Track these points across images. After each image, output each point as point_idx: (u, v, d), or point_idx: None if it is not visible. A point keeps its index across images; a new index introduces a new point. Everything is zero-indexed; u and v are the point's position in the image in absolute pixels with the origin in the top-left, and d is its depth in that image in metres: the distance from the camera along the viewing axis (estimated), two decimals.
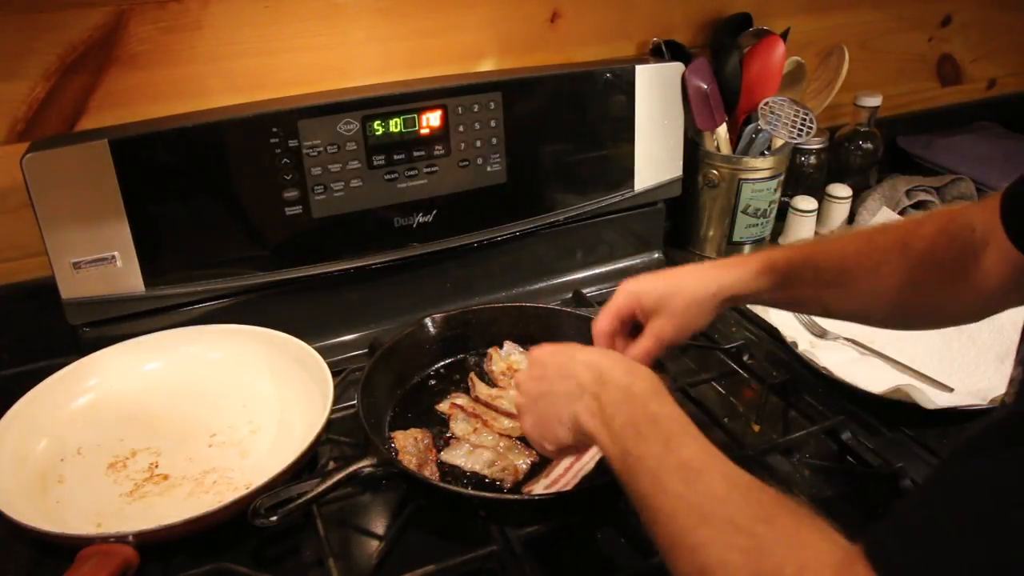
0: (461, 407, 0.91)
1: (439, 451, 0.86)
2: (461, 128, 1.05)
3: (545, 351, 0.72)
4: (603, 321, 0.79)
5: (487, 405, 0.92)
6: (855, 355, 1.03)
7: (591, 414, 0.63)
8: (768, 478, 0.81)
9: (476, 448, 0.85)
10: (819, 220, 1.34)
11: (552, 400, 0.68)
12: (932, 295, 0.73)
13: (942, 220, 0.73)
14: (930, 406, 0.89)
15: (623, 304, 0.79)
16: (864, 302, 0.76)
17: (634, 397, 0.61)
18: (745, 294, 0.78)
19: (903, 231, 0.75)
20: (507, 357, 1.00)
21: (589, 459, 0.85)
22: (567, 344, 0.72)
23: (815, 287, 0.77)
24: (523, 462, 0.83)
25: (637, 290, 0.78)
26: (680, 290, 0.77)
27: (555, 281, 1.22)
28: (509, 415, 0.91)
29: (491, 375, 0.98)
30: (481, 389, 0.95)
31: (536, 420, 0.70)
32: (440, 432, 0.89)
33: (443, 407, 0.92)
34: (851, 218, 1.37)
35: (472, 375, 0.97)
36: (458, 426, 0.89)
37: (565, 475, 0.82)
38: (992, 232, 0.67)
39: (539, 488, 0.80)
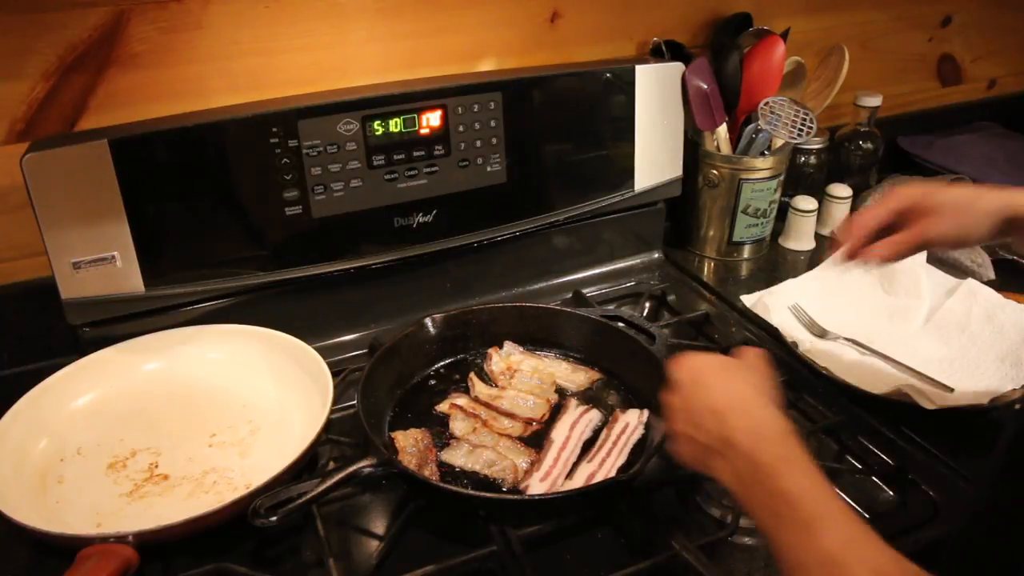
0: (461, 407, 0.91)
1: (439, 451, 0.86)
2: (461, 128, 1.05)
3: (684, 374, 0.70)
4: (879, 211, 0.81)
5: (487, 405, 0.92)
6: (855, 355, 1.03)
7: (727, 478, 0.62)
8: None
9: (476, 448, 0.85)
10: (819, 220, 1.34)
11: (692, 437, 0.66)
12: None
13: None
14: (930, 406, 0.89)
15: (904, 197, 0.80)
16: None
17: (761, 470, 0.58)
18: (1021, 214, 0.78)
19: None
20: (507, 357, 1.00)
21: (576, 445, 0.85)
22: (703, 365, 0.70)
23: None
24: (523, 461, 0.83)
25: (920, 193, 0.79)
26: (972, 196, 0.78)
27: (555, 281, 1.22)
28: (509, 415, 0.91)
29: (491, 375, 0.98)
30: (481, 389, 0.95)
31: (686, 450, 0.68)
32: (440, 432, 0.89)
33: (443, 407, 0.92)
34: None
35: (472, 375, 0.97)
36: (458, 426, 0.89)
37: (556, 465, 0.83)
38: None
39: (534, 482, 0.80)
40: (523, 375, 0.97)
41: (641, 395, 0.94)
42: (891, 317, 1.12)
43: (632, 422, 0.89)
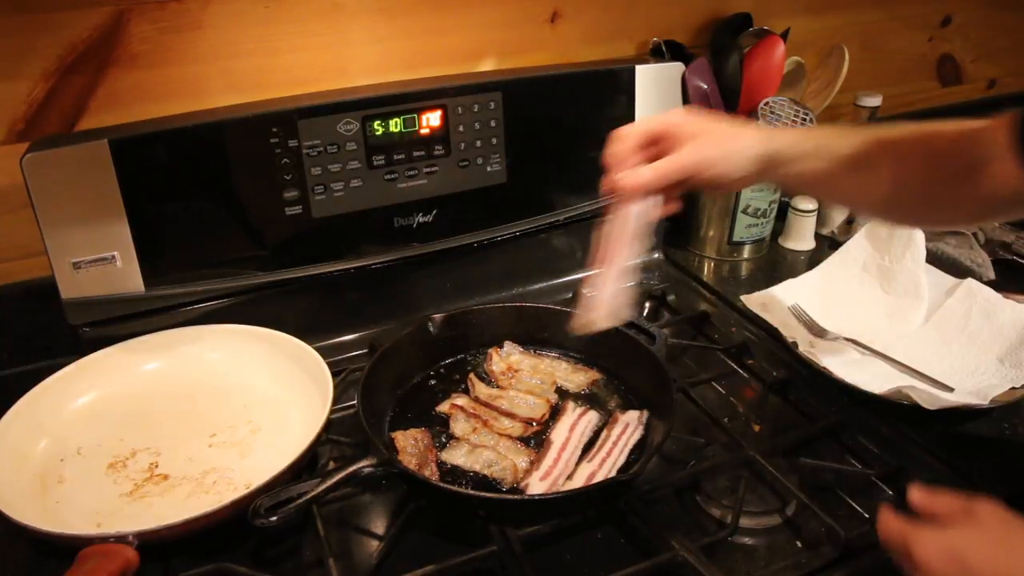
0: (461, 407, 0.91)
1: (439, 451, 0.86)
2: (461, 128, 1.05)
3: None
4: (635, 128, 0.75)
5: (487, 405, 0.92)
6: (855, 355, 1.03)
7: None
8: (768, 478, 0.82)
9: (476, 448, 0.85)
10: (819, 220, 1.34)
11: None
12: (948, 189, 0.75)
13: (964, 125, 0.75)
14: (931, 406, 0.89)
15: (661, 121, 0.75)
16: (886, 191, 0.78)
17: None
18: (781, 153, 0.77)
19: (925, 129, 0.78)
20: (507, 357, 1.00)
21: (576, 445, 0.85)
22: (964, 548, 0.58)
23: (842, 165, 0.77)
24: (523, 461, 0.83)
25: (678, 116, 0.76)
26: (721, 128, 0.76)
27: (555, 281, 1.22)
28: (509, 415, 0.91)
29: (491, 375, 0.98)
30: (481, 389, 0.95)
31: None
32: (440, 432, 0.89)
33: (443, 407, 0.92)
34: (850, 219, 1.37)
35: (472, 375, 0.97)
36: (458, 426, 0.89)
37: (556, 465, 0.83)
38: (996, 151, 0.71)
39: (534, 481, 0.80)
40: (523, 375, 0.97)
41: (641, 395, 0.94)
42: (891, 317, 1.12)
43: (632, 423, 0.89)
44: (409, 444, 0.84)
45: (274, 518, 0.70)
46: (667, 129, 0.75)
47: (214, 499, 0.79)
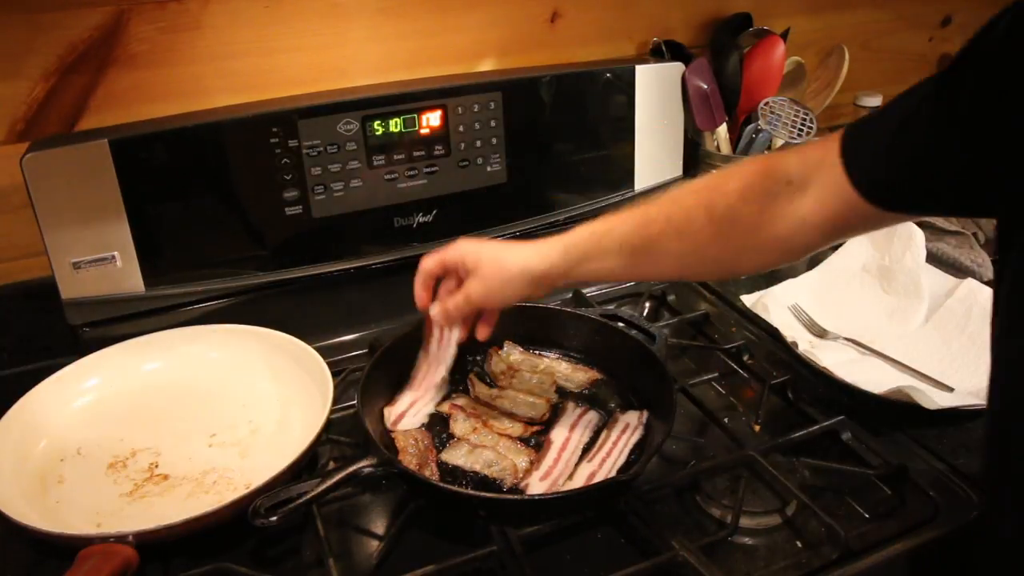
0: (461, 407, 0.91)
1: (439, 451, 0.86)
2: (461, 128, 1.05)
3: None
4: (430, 263, 0.85)
5: (487, 405, 0.92)
6: (855, 355, 1.03)
7: None
8: (768, 478, 0.82)
9: (476, 448, 0.85)
10: None
11: None
12: (739, 247, 0.74)
13: (749, 175, 0.72)
14: (931, 406, 0.89)
15: (450, 256, 0.84)
16: (674, 265, 0.78)
17: None
18: (554, 271, 0.79)
19: (708, 190, 0.75)
20: (507, 357, 1.00)
21: (576, 445, 0.85)
22: None
23: (622, 257, 0.77)
24: (523, 460, 0.83)
25: (465, 249, 0.83)
26: (497, 260, 0.81)
27: None
28: (509, 415, 0.91)
29: (491, 375, 0.98)
30: (481, 389, 0.95)
31: None
32: (440, 432, 0.89)
33: (443, 407, 0.92)
34: None
35: (472, 375, 0.97)
36: (458, 426, 0.89)
37: (556, 465, 0.83)
38: (813, 177, 0.68)
39: (534, 481, 0.80)
40: (523, 375, 0.97)
41: (641, 395, 0.94)
42: (891, 317, 1.12)
43: (632, 423, 0.89)
44: (409, 444, 0.84)
45: (274, 518, 0.70)
46: (453, 263, 0.84)
47: (214, 499, 0.79)
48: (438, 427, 0.90)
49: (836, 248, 1.28)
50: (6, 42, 0.90)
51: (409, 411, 0.90)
